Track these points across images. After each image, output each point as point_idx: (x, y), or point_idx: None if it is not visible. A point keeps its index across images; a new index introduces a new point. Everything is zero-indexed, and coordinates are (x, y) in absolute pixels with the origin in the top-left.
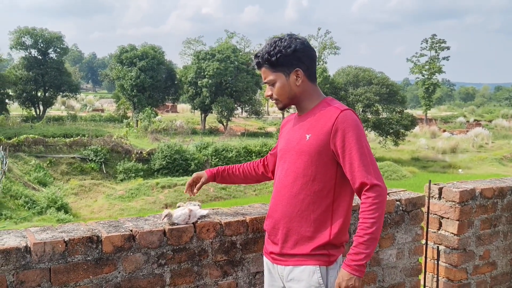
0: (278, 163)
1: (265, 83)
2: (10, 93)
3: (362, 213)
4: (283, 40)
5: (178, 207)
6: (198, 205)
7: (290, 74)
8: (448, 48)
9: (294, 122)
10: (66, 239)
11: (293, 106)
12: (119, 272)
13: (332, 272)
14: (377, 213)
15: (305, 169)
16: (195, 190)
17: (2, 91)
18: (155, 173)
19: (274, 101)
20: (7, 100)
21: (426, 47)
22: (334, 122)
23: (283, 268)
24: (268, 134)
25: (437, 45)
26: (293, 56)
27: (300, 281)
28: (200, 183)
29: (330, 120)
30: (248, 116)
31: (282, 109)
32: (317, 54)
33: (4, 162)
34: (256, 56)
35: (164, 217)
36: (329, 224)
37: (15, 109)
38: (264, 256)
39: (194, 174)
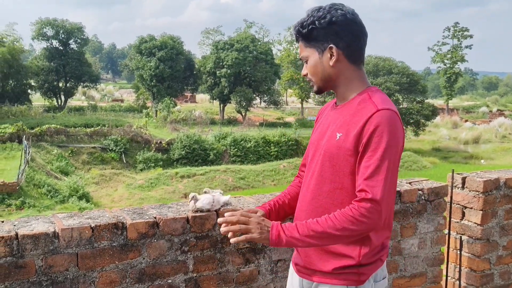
0: (308, 158)
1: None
2: (32, 84)
3: (339, 213)
4: (320, 10)
5: (204, 192)
6: (221, 193)
7: (324, 51)
8: (471, 36)
9: (329, 113)
10: (93, 225)
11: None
12: (144, 258)
13: None
14: (354, 227)
15: (332, 174)
16: None
17: (24, 81)
18: (174, 162)
19: (309, 81)
20: (29, 91)
21: (449, 35)
22: (366, 122)
23: (311, 283)
24: (286, 124)
25: (459, 33)
26: (328, 30)
27: None
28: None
29: (363, 118)
30: (267, 106)
31: (318, 92)
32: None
33: (27, 152)
34: (293, 28)
35: (191, 200)
36: (359, 243)
37: (37, 99)
38: (291, 263)
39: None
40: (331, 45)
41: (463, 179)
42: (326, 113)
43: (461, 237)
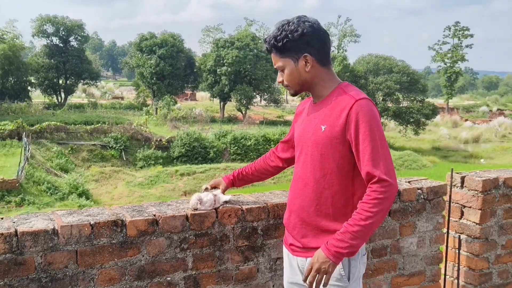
0: (296, 153)
1: (275, 69)
2: (33, 81)
3: (362, 203)
4: (290, 24)
5: (204, 189)
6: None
7: (299, 60)
8: (471, 36)
9: (309, 110)
10: (92, 222)
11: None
12: (143, 256)
13: (354, 263)
14: (377, 208)
15: (322, 162)
16: None
17: (24, 78)
18: (174, 160)
19: (285, 87)
20: (29, 88)
21: (449, 34)
22: (348, 113)
23: (305, 259)
24: (287, 123)
25: (460, 32)
26: (301, 41)
27: None
28: (220, 190)
29: (345, 110)
30: (267, 104)
31: (294, 95)
32: (336, 42)
33: (27, 149)
34: (264, 41)
35: (197, 202)
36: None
37: (37, 97)
38: (284, 246)
39: (212, 181)
40: (306, 54)
41: (462, 178)
42: (306, 110)
43: (459, 236)
